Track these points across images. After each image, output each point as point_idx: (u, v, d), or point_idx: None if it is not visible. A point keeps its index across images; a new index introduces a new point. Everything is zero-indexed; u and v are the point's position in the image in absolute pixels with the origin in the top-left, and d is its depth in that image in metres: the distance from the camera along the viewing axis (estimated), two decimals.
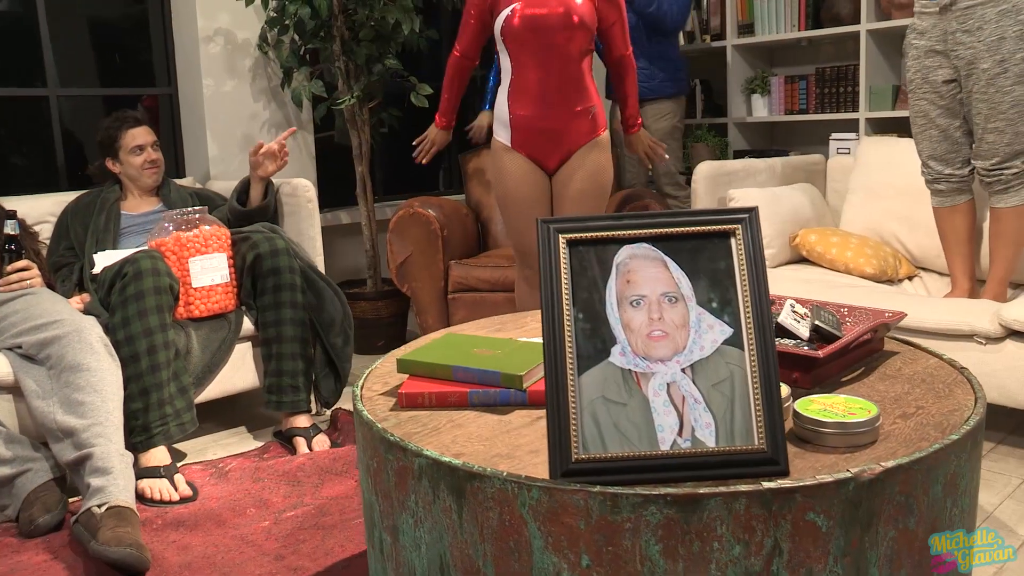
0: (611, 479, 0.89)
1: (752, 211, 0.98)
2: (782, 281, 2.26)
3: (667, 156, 2.44)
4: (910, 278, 2.44)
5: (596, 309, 0.96)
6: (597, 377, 0.94)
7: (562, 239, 0.97)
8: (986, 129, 2.09)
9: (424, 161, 2.37)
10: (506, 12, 2.14)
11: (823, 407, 1.02)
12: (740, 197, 2.49)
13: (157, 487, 1.82)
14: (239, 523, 1.71)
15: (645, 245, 0.98)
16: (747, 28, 3.71)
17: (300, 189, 2.39)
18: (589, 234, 0.98)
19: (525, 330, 1.56)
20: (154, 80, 3.13)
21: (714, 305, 0.96)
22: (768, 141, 3.92)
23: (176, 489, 1.83)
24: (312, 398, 2.19)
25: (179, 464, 2.01)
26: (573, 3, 2.13)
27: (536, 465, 0.96)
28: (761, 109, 3.74)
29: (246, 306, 2.16)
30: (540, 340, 1.37)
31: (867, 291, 2.19)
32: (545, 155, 2.22)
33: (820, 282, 2.26)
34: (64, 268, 2.29)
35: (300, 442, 2.05)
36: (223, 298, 2.09)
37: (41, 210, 2.51)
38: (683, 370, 0.94)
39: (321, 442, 2.07)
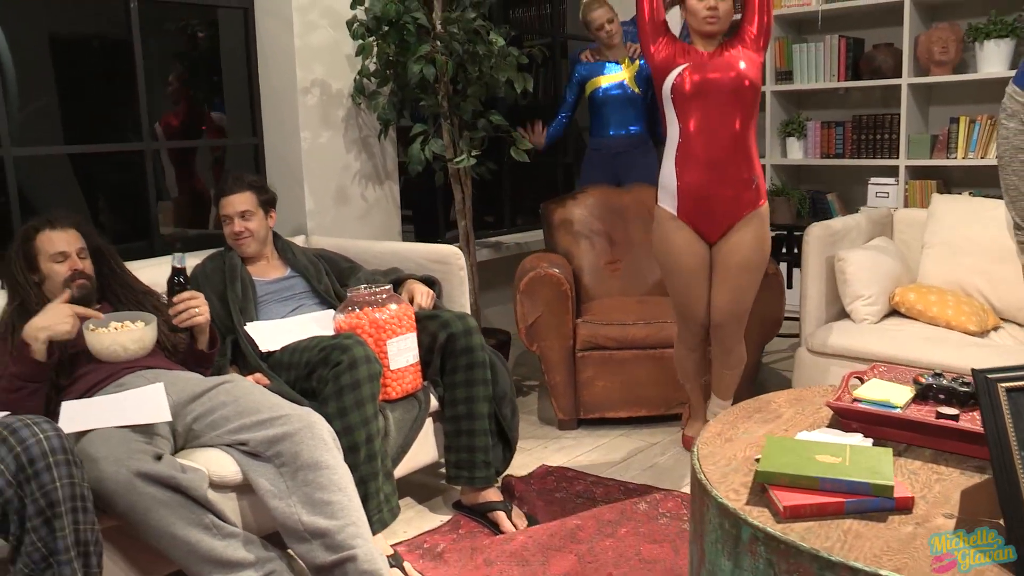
0: None
1: None
2: (912, 340, 2.56)
3: None
4: (995, 329, 2.79)
5: None
6: None
7: (1001, 388, 1.18)
8: None
9: None
10: (675, 72, 2.26)
11: None
12: (848, 258, 2.77)
13: None
14: None
15: None
16: (786, 75, 4.03)
17: (451, 257, 2.47)
18: (1022, 383, 1.19)
19: (782, 421, 1.74)
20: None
21: None
22: (796, 181, 4.26)
23: None
24: None
25: None
26: (739, 66, 2.26)
27: None
28: (796, 152, 4.07)
29: (432, 383, 2.24)
30: (862, 442, 1.56)
31: (995, 349, 2.49)
32: (709, 225, 2.34)
33: (938, 340, 2.56)
34: None
35: (501, 517, 2.16)
36: (414, 378, 2.17)
37: (165, 276, 2.47)
38: None
39: (518, 515, 2.19)
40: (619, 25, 3.38)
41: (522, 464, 2.56)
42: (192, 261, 2.53)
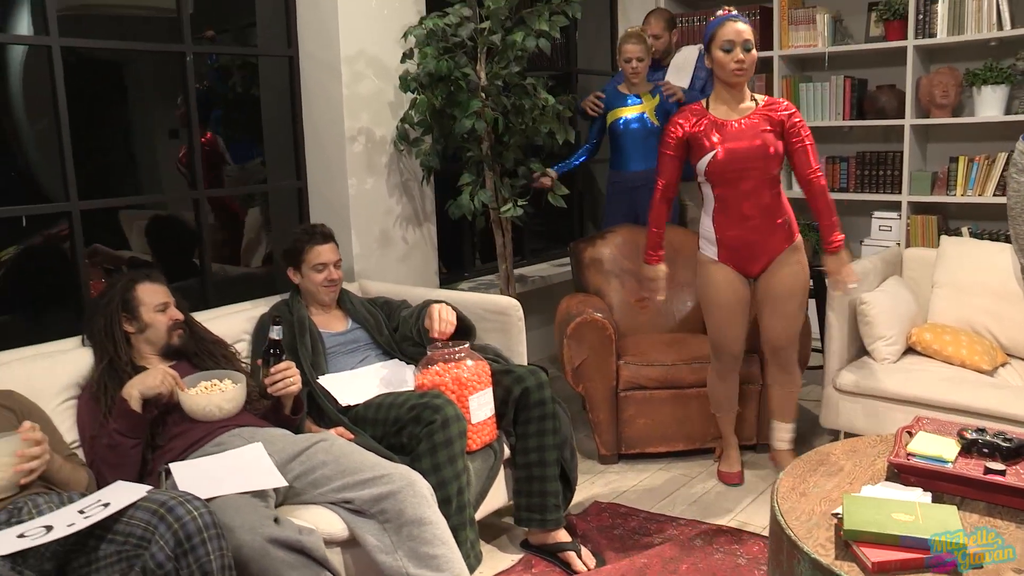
0: None
1: None
2: (933, 381, 2.83)
3: (853, 287, 2.73)
4: (1003, 365, 3.08)
5: None
6: None
7: None
8: None
9: (661, 297, 2.76)
10: (709, 155, 2.56)
11: None
12: (871, 300, 3.03)
13: None
14: None
15: None
16: None
17: (511, 309, 2.66)
18: None
19: (845, 474, 1.98)
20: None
21: None
22: (800, 213, 4.52)
23: None
24: None
25: None
26: (768, 135, 2.57)
27: None
28: None
29: (505, 432, 2.43)
30: (922, 497, 1.80)
31: (1012, 391, 2.74)
32: (749, 264, 2.68)
33: (957, 380, 2.83)
34: None
35: (572, 557, 2.36)
36: (491, 430, 2.36)
37: (236, 328, 2.62)
38: None
39: (587, 555, 2.40)
40: (647, 67, 3.57)
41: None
42: (258, 310, 2.69)
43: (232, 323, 2.63)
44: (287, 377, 2.18)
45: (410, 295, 2.85)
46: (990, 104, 3.75)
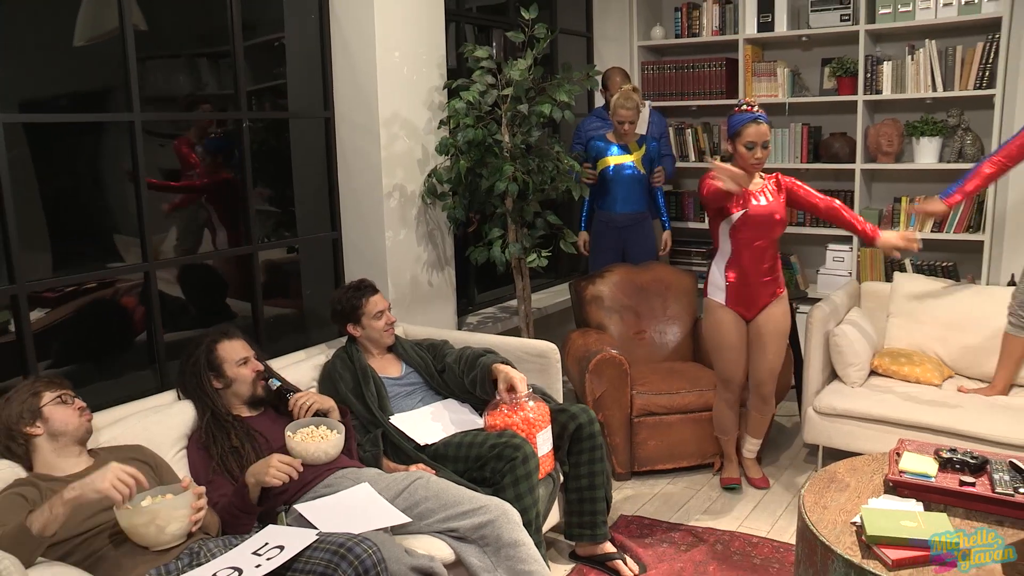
0: None
1: None
2: (897, 401, 3.48)
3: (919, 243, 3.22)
4: (949, 378, 3.77)
5: None
6: None
7: None
8: None
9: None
10: (739, 213, 3.13)
11: None
12: (841, 332, 3.67)
13: None
14: None
15: None
16: None
17: (549, 352, 3.15)
18: None
19: (852, 490, 2.56)
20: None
21: None
22: None
23: None
24: None
25: None
26: (781, 205, 3.20)
27: None
28: None
29: (560, 462, 2.92)
30: (915, 506, 2.39)
31: (965, 410, 3.35)
32: (747, 309, 3.28)
33: (916, 398, 3.49)
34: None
35: (620, 565, 2.87)
36: (551, 461, 2.84)
37: (305, 377, 3.01)
38: None
39: (631, 562, 2.92)
40: (636, 126, 4.12)
41: None
42: (314, 359, 3.08)
43: (299, 372, 3.02)
44: (308, 399, 2.65)
45: (452, 340, 3.29)
46: (927, 152, 4.47)
